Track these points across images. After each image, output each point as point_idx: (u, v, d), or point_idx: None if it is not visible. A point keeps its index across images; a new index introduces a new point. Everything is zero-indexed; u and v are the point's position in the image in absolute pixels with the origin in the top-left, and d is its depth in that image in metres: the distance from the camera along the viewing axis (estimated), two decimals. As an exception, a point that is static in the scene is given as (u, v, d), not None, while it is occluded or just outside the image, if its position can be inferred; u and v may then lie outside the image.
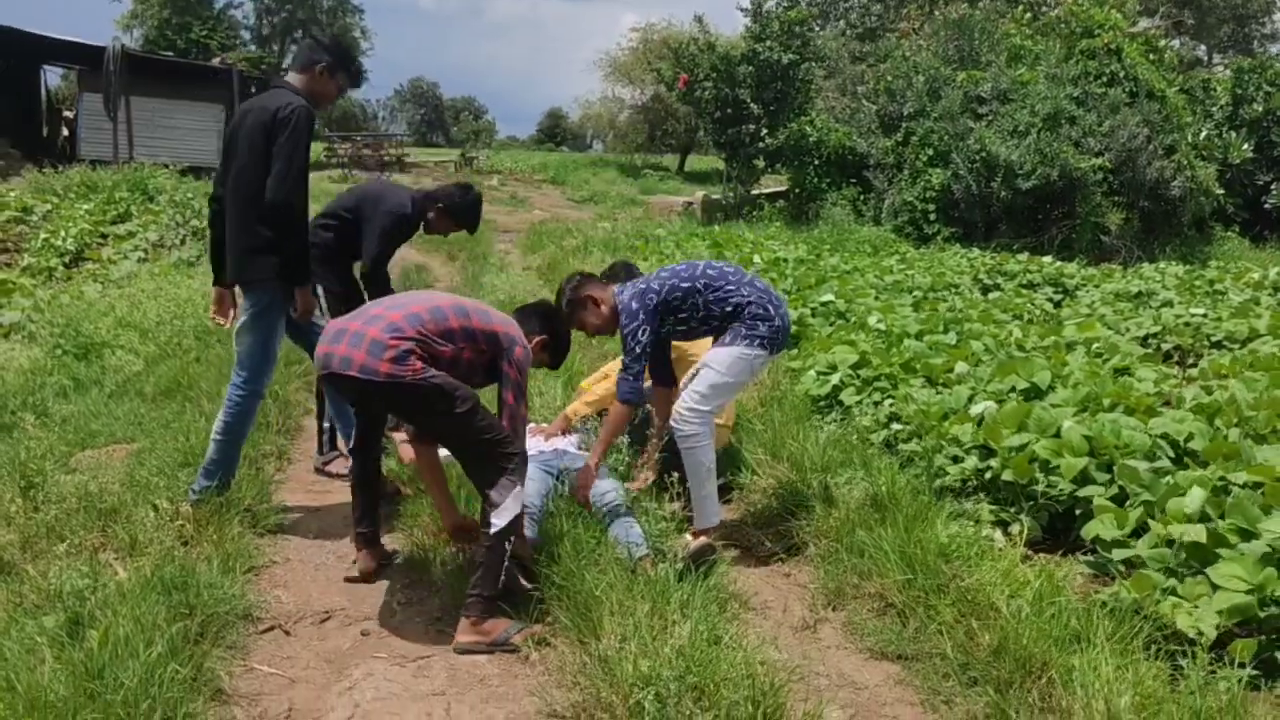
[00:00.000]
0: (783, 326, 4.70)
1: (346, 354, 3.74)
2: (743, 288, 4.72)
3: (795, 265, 12.97)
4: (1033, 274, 13.63)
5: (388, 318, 3.86)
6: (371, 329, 3.80)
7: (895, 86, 20.61)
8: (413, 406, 3.92)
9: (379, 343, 3.74)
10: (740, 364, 4.58)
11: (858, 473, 5.09)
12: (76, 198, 17.26)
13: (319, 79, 4.76)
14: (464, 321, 3.97)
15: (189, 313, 7.94)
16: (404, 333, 3.79)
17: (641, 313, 4.55)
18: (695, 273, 4.72)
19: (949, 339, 7.69)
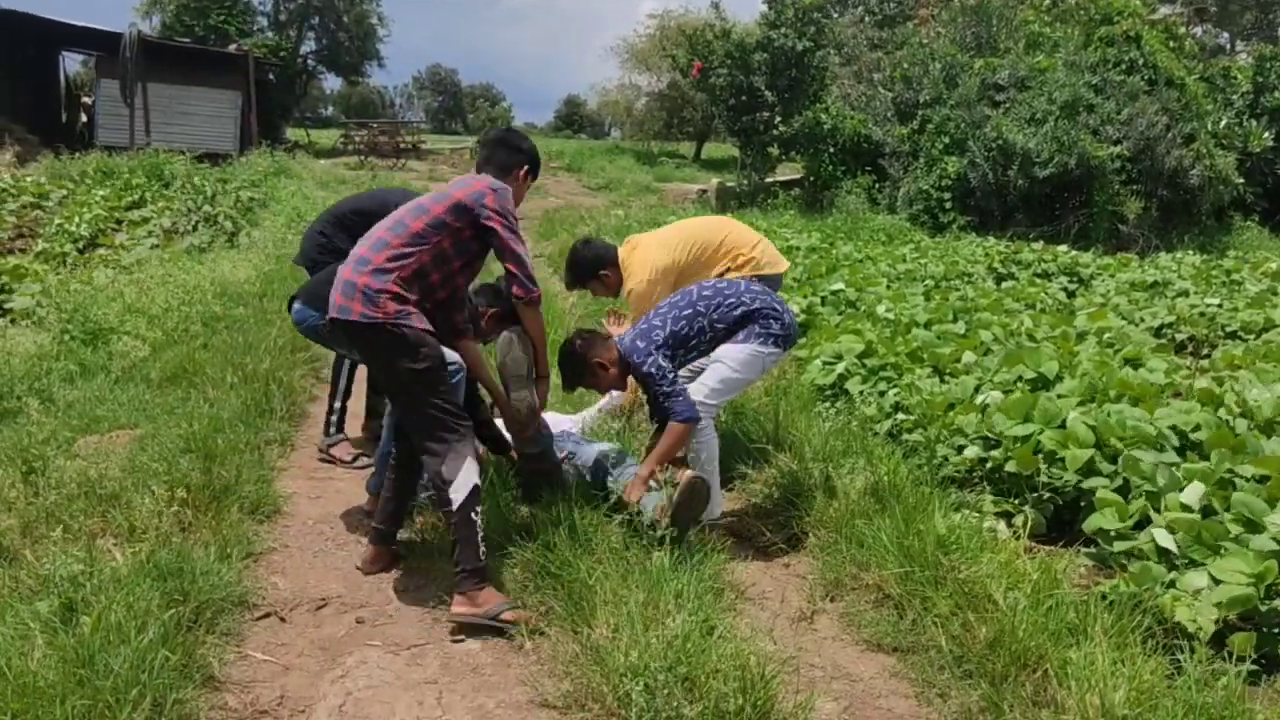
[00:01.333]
0: (792, 325, 4.77)
1: (335, 300, 3.89)
2: (744, 295, 4.73)
3: (807, 253, 12.91)
4: (1047, 263, 13.51)
5: (359, 253, 3.95)
6: (346, 270, 3.91)
7: (911, 74, 20.46)
8: (378, 350, 3.90)
9: (351, 284, 3.84)
10: (754, 361, 4.64)
11: (859, 462, 5.05)
12: (93, 184, 17.34)
13: None
14: (424, 217, 3.98)
15: (197, 299, 7.96)
16: (370, 263, 3.85)
17: (651, 347, 4.52)
18: (692, 298, 4.72)
19: (958, 328, 7.64)
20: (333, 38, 46.59)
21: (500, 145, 4.46)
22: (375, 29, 47.79)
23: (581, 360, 4.68)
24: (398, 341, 3.80)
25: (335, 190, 18.56)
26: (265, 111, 31.19)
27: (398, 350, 3.82)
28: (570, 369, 4.73)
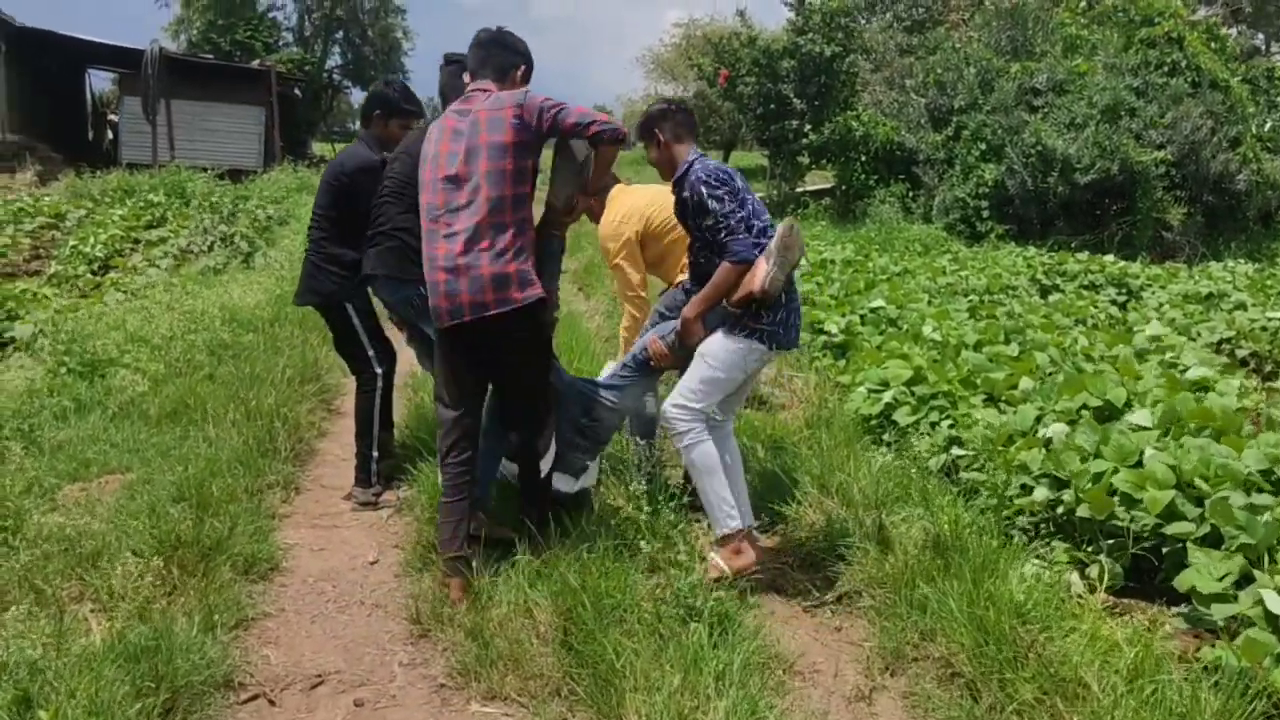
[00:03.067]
0: (789, 321, 4.25)
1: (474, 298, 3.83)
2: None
3: (843, 267, 12.41)
4: (1094, 274, 12.96)
5: (480, 242, 3.85)
6: (481, 263, 3.83)
7: (945, 79, 19.92)
8: (531, 331, 4.01)
9: (500, 276, 3.83)
10: (734, 358, 4.19)
11: (916, 509, 4.57)
12: (112, 202, 17.10)
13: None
14: (505, 179, 3.88)
15: (203, 325, 7.57)
16: (503, 247, 3.84)
17: (721, 188, 4.13)
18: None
19: (1010, 350, 7.12)
20: (358, 52, 46.49)
21: (495, 46, 4.18)
22: (400, 42, 47.67)
23: (657, 118, 4.37)
24: (543, 310, 4.00)
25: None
26: (290, 126, 31.07)
27: (543, 321, 4.09)
28: (643, 121, 4.45)
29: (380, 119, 5.30)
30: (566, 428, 4.41)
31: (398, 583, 4.36)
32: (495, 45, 4.15)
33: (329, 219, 5.24)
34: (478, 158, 3.86)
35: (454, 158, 3.90)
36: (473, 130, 3.90)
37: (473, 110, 3.95)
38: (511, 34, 4.26)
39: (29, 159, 21.12)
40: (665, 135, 4.32)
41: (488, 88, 4.04)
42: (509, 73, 4.14)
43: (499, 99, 3.93)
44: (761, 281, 3.98)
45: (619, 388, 4.52)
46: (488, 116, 3.89)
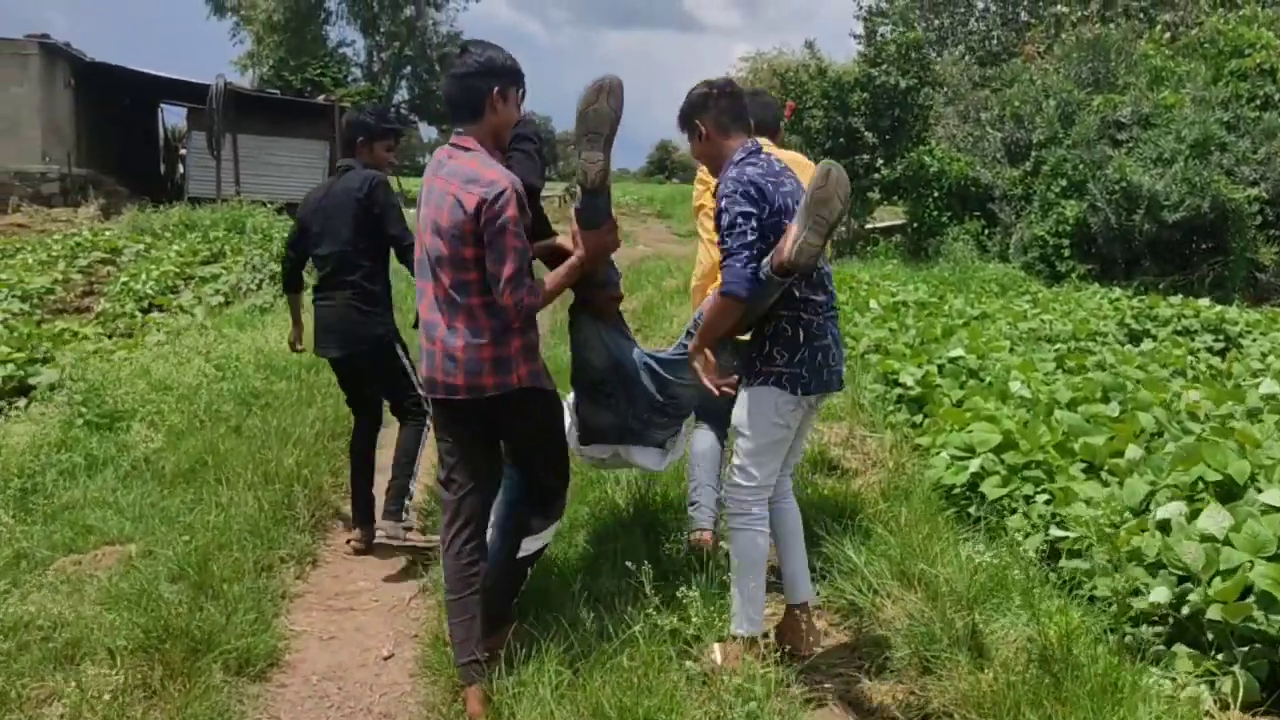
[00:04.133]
0: (814, 361, 3.59)
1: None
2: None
3: (917, 311, 11.72)
4: (1188, 319, 12.10)
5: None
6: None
7: (1023, 112, 19.15)
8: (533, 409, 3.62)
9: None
10: (762, 420, 3.63)
11: (1016, 611, 3.91)
12: (173, 238, 16.98)
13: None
14: (458, 248, 3.36)
15: (235, 372, 7.14)
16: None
17: (741, 195, 3.49)
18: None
19: (1110, 409, 6.41)
20: (425, 87, 46.86)
21: (457, 82, 3.51)
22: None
23: (697, 106, 3.72)
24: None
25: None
26: (357, 161, 31.02)
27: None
28: (681, 110, 3.80)
29: (364, 146, 5.03)
30: (642, 406, 3.96)
31: (412, 685, 3.81)
32: (457, 82, 3.49)
33: (359, 251, 4.86)
34: (438, 235, 3.39)
35: (428, 225, 3.43)
36: (438, 199, 3.41)
37: (443, 174, 3.44)
38: (476, 53, 3.50)
39: (93, 193, 21.19)
40: (708, 126, 3.70)
41: (464, 142, 3.47)
42: (481, 110, 3.47)
43: (470, 176, 3.36)
44: (790, 250, 3.31)
45: (682, 363, 3.82)
46: (442, 189, 3.40)
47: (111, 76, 25.06)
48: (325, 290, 4.97)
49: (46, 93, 23.08)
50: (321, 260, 4.98)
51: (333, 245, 4.89)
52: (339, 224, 4.85)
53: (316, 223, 4.94)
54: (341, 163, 5.10)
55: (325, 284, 4.97)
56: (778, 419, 3.64)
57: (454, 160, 3.42)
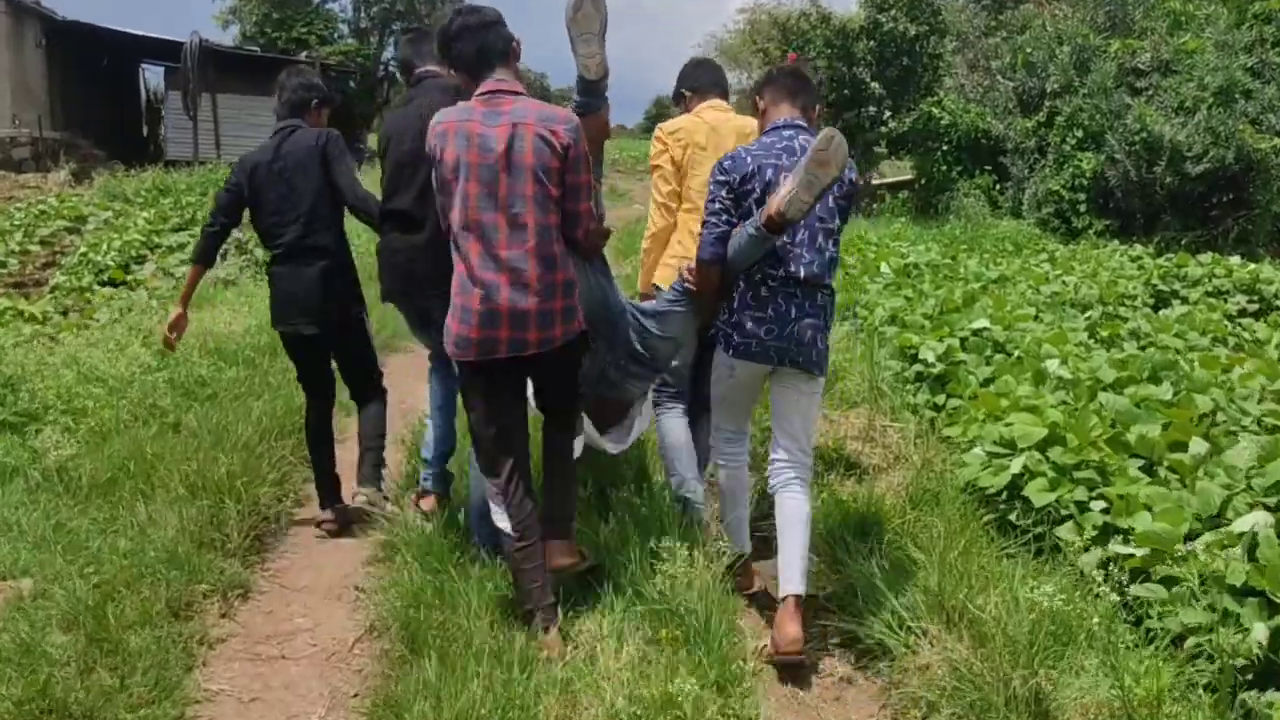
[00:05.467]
0: (745, 328, 3.75)
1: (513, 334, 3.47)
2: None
3: (932, 274, 10.92)
4: (1219, 279, 11.31)
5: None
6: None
7: (1036, 59, 18.18)
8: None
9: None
10: (716, 370, 3.97)
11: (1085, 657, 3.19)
12: (145, 203, 16.15)
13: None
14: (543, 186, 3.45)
15: (179, 358, 6.37)
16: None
17: (717, 176, 3.80)
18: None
19: (1162, 391, 5.66)
20: (414, 44, 45.50)
21: (493, 27, 3.66)
22: (460, 34, 46.52)
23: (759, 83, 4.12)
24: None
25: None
26: (342, 120, 30.15)
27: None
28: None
29: (317, 109, 4.87)
30: (622, 352, 3.99)
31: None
32: (489, 29, 3.61)
33: (327, 216, 4.65)
34: (521, 178, 3.41)
35: (490, 172, 3.40)
36: (515, 144, 3.42)
37: (505, 116, 3.45)
38: (484, 8, 3.70)
39: (64, 157, 20.28)
40: (764, 100, 3.98)
41: (513, 86, 3.57)
42: (508, 55, 3.64)
43: (549, 115, 3.49)
44: (780, 201, 3.49)
45: (663, 314, 3.98)
46: (535, 134, 3.43)
47: (87, 35, 24.09)
48: (291, 260, 4.64)
49: (15, 53, 22.12)
50: (278, 229, 4.65)
51: (296, 209, 4.60)
52: (302, 186, 4.58)
53: (272, 188, 4.62)
54: (286, 123, 4.74)
55: (291, 253, 4.64)
56: (717, 375, 3.95)
57: (513, 102, 3.49)
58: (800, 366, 3.78)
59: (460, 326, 3.44)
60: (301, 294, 4.62)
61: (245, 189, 4.68)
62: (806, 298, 3.75)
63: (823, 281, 3.81)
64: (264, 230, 4.78)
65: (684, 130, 4.50)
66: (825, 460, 5.12)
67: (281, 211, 4.62)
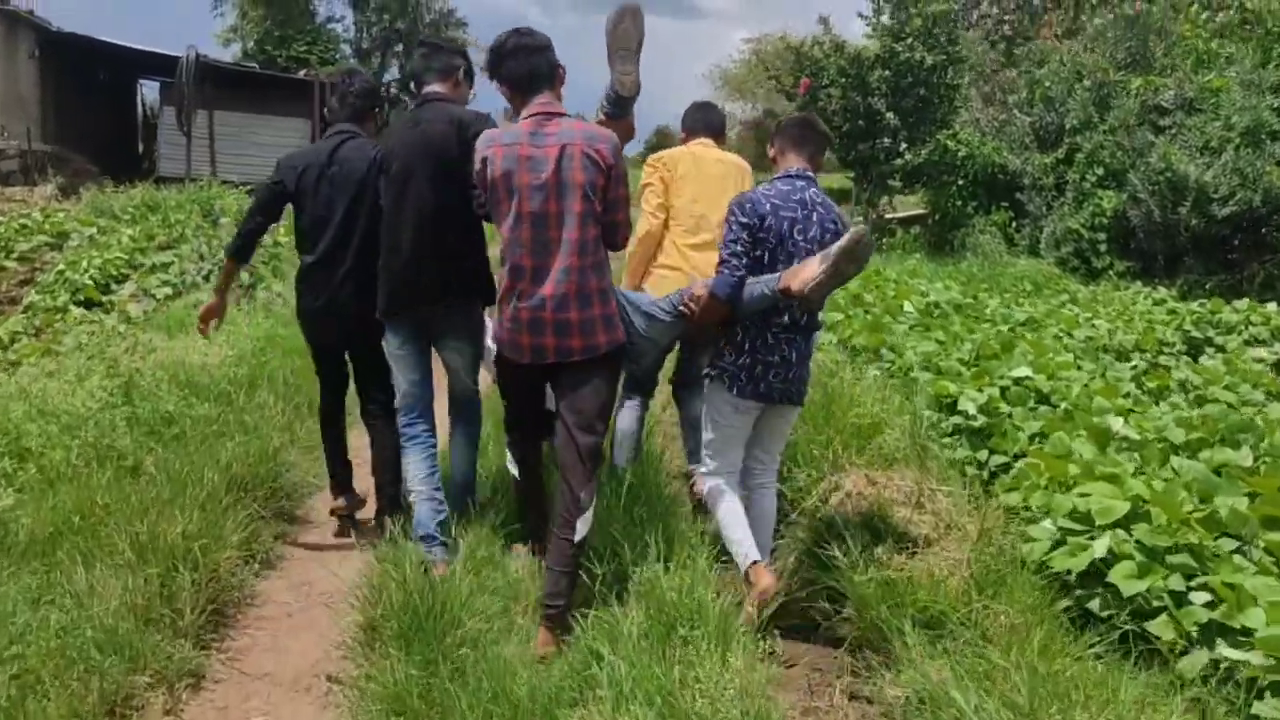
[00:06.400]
0: (754, 371, 4.01)
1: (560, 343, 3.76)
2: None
3: (954, 313, 10.33)
4: (1256, 326, 10.74)
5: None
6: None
7: (1054, 94, 17.67)
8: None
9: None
10: (714, 411, 4.20)
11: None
12: (132, 219, 15.53)
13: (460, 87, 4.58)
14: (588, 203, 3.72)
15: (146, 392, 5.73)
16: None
17: (739, 219, 3.99)
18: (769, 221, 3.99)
19: (1242, 456, 5.05)
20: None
21: (542, 51, 3.88)
22: (461, 56, 46.13)
23: (775, 131, 4.38)
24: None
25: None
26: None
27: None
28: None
29: (374, 115, 5.03)
30: None
31: None
32: (539, 54, 3.84)
33: (368, 225, 4.61)
34: (570, 196, 3.68)
35: (539, 191, 3.67)
36: (564, 164, 3.68)
37: (553, 138, 3.70)
38: (535, 32, 3.91)
39: (52, 171, 19.66)
40: (774, 149, 4.30)
41: (558, 109, 3.82)
42: (553, 80, 3.88)
43: (593, 135, 3.76)
44: (803, 282, 3.70)
45: (653, 319, 4.14)
46: (583, 154, 3.69)
47: (84, 48, 23.50)
48: (326, 268, 4.66)
49: (7, 63, 21.55)
50: (318, 232, 4.66)
51: (341, 217, 4.63)
52: (354, 197, 4.62)
53: (321, 191, 4.63)
54: (342, 128, 4.79)
55: (327, 261, 4.65)
56: (719, 417, 4.14)
57: (560, 124, 3.72)
58: (794, 403, 4.23)
59: (511, 334, 3.76)
60: (334, 311, 4.67)
61: (291, 187, 4.66)
62: (804, 341, 4.12)
63: (816, 325, 4.25)
64: (304, 231, 4.73)
65: (670, 158, 5.22)
66: (870, 531, 4.50)
67: (327, 217, 4.62)
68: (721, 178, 5.15)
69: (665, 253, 5.10)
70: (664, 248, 5.11)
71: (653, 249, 5.13)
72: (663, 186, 5.10)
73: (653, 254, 5.12)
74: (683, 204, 5.06)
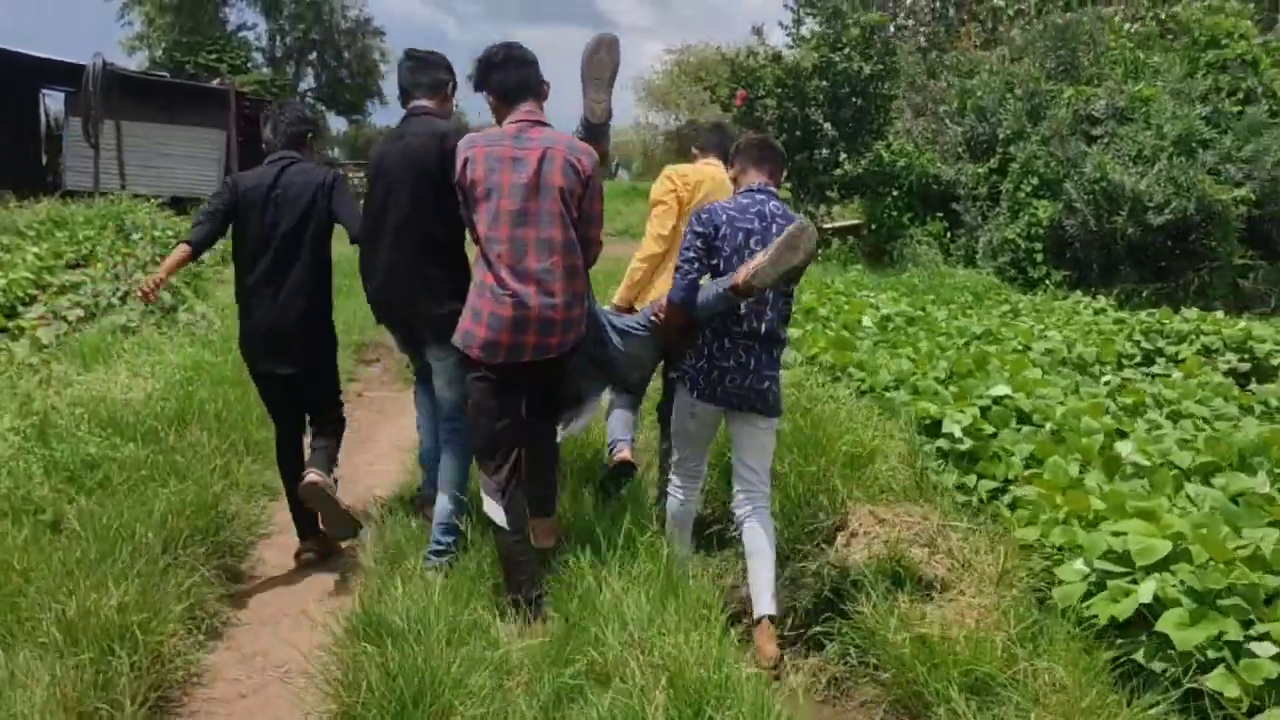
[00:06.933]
0: (710, 375, 4.11)
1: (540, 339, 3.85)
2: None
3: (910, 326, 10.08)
4: (1207, 336, 10.69)
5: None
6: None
7: (986, 104, 17.66)
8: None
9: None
10: (677, 409, 4.36)
11: None
12: (38, 236, 14.61)
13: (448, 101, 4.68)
14: (566, 207, 3.85)
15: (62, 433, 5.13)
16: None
17: (693, 230, 4.11)
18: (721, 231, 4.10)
19: (1258, 483, 4.79)
20: (333, 74, 44.16)
21: (528, 64, 4.08)
22: (378, 65, 45.31)
23: (733, 149, 4.47)
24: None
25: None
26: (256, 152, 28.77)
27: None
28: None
29: (312, 141, 5.10)
30: (584, 355, 4.25)
31: None
32: (528, 66, 4.04)
33: (317, 244, 4.76)
34: (549, 197, 3.79)
35: (519, 190, 3.78)
36: (545, 166, 3.81)
37: (536, 142, 3.84)
38: (521, 47, 4.11)
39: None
40: (734, 168, 4.38)
41: (540, 117, 3.97)
42: (538, 91, 4.06)
43: (575, 146, 3.92)
44: (747, 273, 3.83)
45: (626, 333, 4.36)
46: (541, 155, 3.82)
47: (-24, 57, 22.35)
48: (268, 293, 4.63)
49: (-104, 73, 20.36)
50: (259, 256, 4.63)
51: (286, 241, 4.63)
52: (300, 221, 4.64)
53: (266, 214, 4.63)
54: (283, 154, 4.81)
55: (268, 284, 4.63)
56: (681, 414, 4.29)
57: (542, 131, 3.87)
58: (758, 411, 4.19)
59: (488, 332, 3.77)
60: (284, 328, 4.61)
61: (235, 208, 4.67)
62: (764, 350, 4.14)
63: (779, 337, 4.22)
64: (244, 256, 4.69)
65: (693, 178, 5.11)
66: (886, 576, 4.12)
67: (269, 237, 4.61)
68: None
69: (670, 278, 4.85)
70: (670, 272, 4.83)
71: (655, 267, 5.12)
72: (678, 206, 5.05)
73: (652, 275, 5.13)
74: None
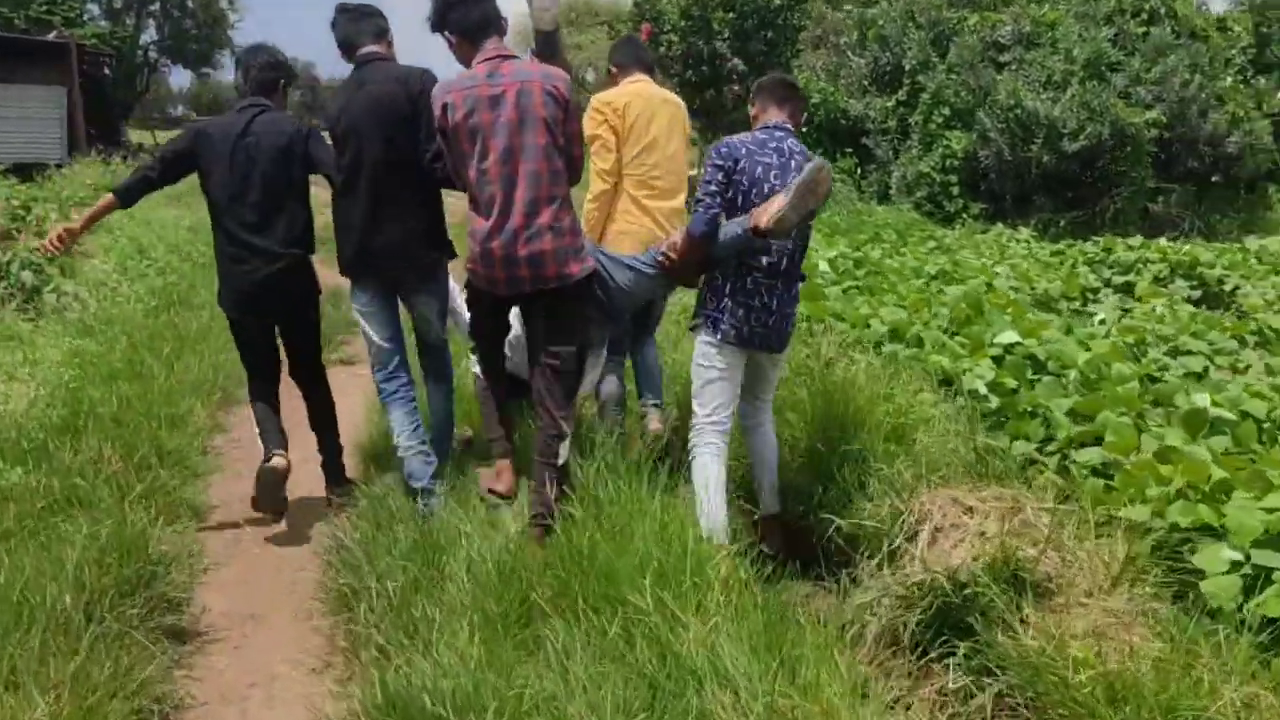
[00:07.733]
0: (736, 314, 4.04)
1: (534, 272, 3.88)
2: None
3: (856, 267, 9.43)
4: (1155, 264, 10.36)
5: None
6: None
7: (889, 33, 17.11)
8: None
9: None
10: (699, 360, 4.18)
11: None
12: None
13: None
14: (550, 136, 3.84)
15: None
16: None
17: (714, 162, 4.02)
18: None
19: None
20: (177, 25, 41.35)
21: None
22: (226, 15, 42.62)
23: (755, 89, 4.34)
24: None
25: (189, 205, 14.12)
26: (100, 111, 26.62)
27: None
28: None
29: (284, 90, 4.86)
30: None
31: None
32: (490, 3, 3.96)
33: (298, 195, 4.66)
34: (533, 129, 3.77)
35: (503, 127, 3.76)
36: (524, 100, 3.78)
37: (509, 77, 3.80)
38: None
39: None
40: (755, 106, 4.28)
41: (506, 51, 3.91)
42: (499, 26, 4.00)
43: (549, 73, 3.90)
44: (769, 217, 3.77)
45: (634, 271, 4.46)
46: (520, 88, 3.79)
47: None
48: (252, 245, 4.51)
49: None
50: (238, 206, 4.49)
51: (264, 193, 4.50)
52: (274, 173, 4.51)
53: (235, 162, 4.46)
54: (253, 101, 4.62)
55: (253, 236, 4.51)
56: (704, 362, 4.15)
57: (513, 65, 3.85)
58: (776, 350, 4.25)
59: (484, 269, 3.86)
60: (269, 276, 4.51)
61: (198, 155, 4.51)
62: (785, 289, 4.14)
63: (798, 274, 4.24)
64: (219, 204, 4.53)
65: (619, 103, 4.73)
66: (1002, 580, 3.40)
67: (245, 190, 4.48)
68: (670, 119, 4.86)
69: (623, 212, 4.80)
70: (620, 206, 4.82)
71: (608, 207, 4.84)
72: (614, 138, 4.74)
73: (609, 211, 4.83)
74: (635, 155, 4.76)
